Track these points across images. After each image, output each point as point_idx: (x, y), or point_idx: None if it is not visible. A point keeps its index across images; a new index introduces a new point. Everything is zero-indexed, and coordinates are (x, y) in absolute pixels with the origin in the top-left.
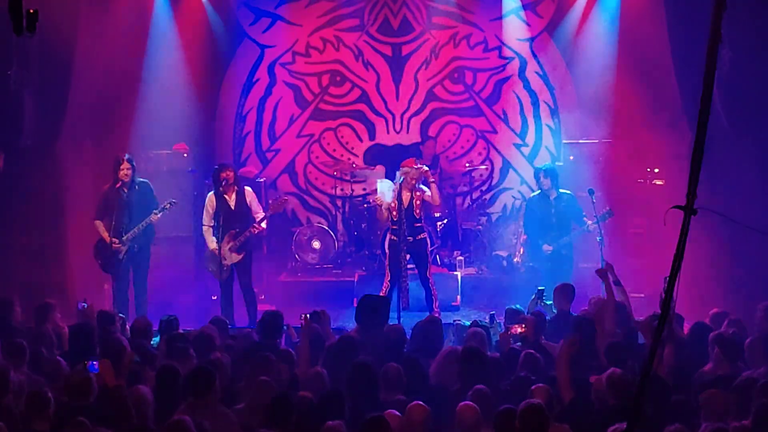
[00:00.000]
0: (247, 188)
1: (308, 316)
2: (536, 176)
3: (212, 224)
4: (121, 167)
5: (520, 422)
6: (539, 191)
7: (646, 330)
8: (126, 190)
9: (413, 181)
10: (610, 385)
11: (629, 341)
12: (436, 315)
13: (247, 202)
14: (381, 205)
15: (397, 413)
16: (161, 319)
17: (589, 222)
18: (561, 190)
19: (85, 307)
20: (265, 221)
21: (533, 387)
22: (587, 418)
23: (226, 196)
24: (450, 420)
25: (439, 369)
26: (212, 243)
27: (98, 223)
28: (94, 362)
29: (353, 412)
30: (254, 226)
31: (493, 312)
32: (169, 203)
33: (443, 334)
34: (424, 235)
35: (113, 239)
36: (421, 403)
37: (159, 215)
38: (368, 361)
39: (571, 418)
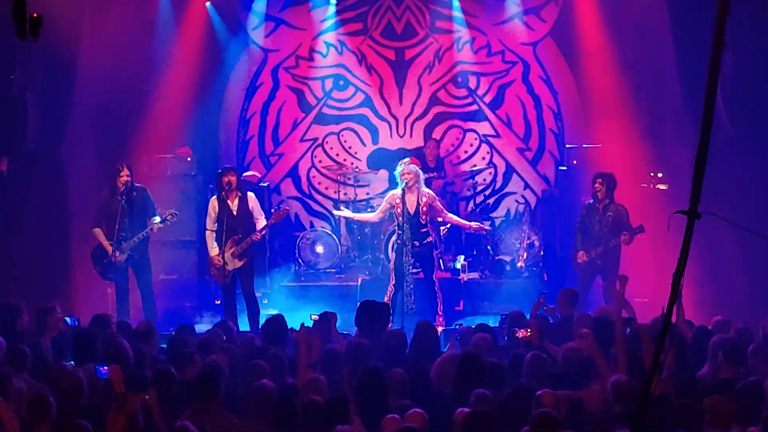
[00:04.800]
0: (250, 193)
1: (317, 317)
2: (611, 183)
3: (215, 228)
4: (121, 174)
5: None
6: (592, 198)
7: (646, 335)
8: (124, 197)
9: (404, 179)
10: (614, 392)
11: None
12: (440, 319)
13: (249, 207)
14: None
15: (398, 417)
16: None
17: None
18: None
19: (76, 323)
20: (265, 230)
21: (539, 393)
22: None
23: (228, 201)
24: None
25: (438, 373)
26: (213, 249)
27: (97, 230)
28: (104, 368)
29: (361, 418)
30: (255, 234)
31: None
32: (171, 214)
33: (437, 336)
34: (431, 239)
35: (114, 250)
36: (419, 410)
37: (161, 226)
38: (378, 366)
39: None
